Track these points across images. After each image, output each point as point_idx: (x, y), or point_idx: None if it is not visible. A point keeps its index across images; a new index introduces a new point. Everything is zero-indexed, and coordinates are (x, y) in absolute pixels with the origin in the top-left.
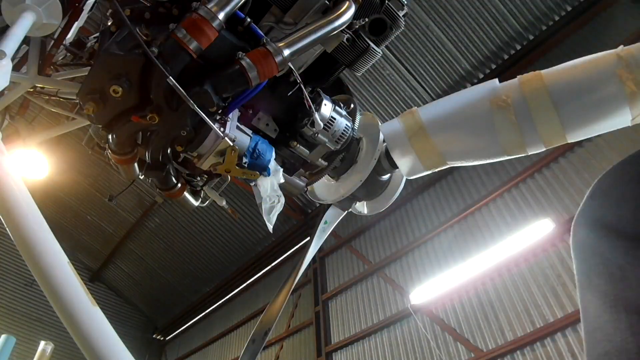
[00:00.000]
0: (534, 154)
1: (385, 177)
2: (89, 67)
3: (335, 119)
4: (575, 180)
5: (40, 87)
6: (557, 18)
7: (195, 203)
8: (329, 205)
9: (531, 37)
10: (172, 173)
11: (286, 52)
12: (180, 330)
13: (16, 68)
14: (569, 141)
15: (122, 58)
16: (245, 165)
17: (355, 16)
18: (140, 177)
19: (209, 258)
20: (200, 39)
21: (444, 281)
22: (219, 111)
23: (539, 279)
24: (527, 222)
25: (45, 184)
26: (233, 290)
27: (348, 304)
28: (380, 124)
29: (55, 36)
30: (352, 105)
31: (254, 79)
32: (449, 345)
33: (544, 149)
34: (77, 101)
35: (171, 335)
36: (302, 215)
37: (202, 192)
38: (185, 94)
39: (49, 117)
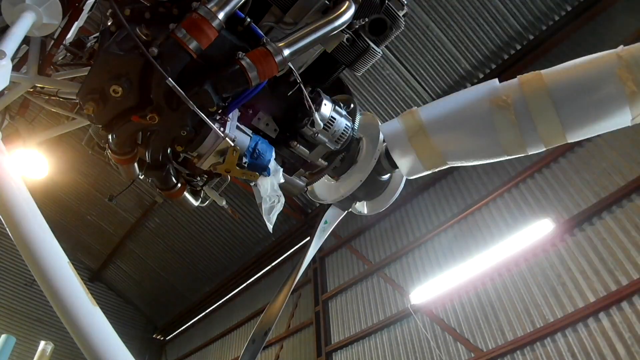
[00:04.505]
0: (534, 154)
1: (385, 177)
2: (89, 67)
3: (335, 118)
4: (575, 180)
5: (40, 87)
6: (557, 18)
7: (195, 203)
8: (329, 205)
9: (531, 37)
10: (172, 173)
11: (286, 52)
12: (180, 330)
13: (16, 68)
14: (569, 141)
15: (122, 58)
16: (245, 166)
17: (355, 16)
18: (140, 177)
19: (209, 258)
20: (200, 38)
21: (444, 281)
22: (219, 111)
23: (539, 279)
24: (527, 222)
25: (45, 184)
26: (233, 290)
27: (348, 304)
28: (380, 124)
29: (55, 36)
30: (352, 105)
31: (254, 79)
32: (449, 345)
33: (543, 149)
34: (77, 101)
35: (171, 335)
36: (302, 215)
37: (202, 192)
38: (184, 94)
39: (49, 117)
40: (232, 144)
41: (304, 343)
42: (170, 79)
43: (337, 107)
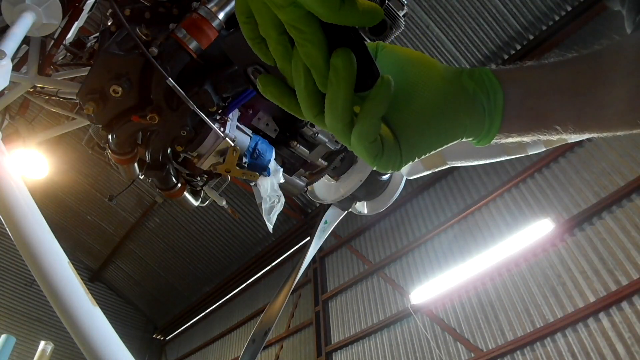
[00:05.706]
0: (534, 154)
1: (385, 177)
2: (89, 67)
3: None
4: (575, 180)
5: (40, 87)
6: (557, 18)
7: (195, 203)
8: (329, 205)
9: (531, 37)
10: (172, 173)
11: None
12: (180, 330)
13: (16, 68)
14: (569, 141)
15: (122, 58)
16: (245, 166)
17: None
18: (140, 177)
19: (209, 258)
20: (200, 38)
21: (444, 281)
22: (219, 111)
23: (539, 279)
24: (527, 222)
25: (45, 184)
26: (233, 290)
27: (348, 304)
28: None
29: (55, 36)
30: None
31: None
32: (449, 345)
33: (544, 149)
34: (77, 101)
35: (171, 335)
36: (302, 215)
37: (202, 192)
38: (184, 94)
39: (49, 117)
40: (232, 144)
41: (304, 343)
42: (170, 78)
43: None
